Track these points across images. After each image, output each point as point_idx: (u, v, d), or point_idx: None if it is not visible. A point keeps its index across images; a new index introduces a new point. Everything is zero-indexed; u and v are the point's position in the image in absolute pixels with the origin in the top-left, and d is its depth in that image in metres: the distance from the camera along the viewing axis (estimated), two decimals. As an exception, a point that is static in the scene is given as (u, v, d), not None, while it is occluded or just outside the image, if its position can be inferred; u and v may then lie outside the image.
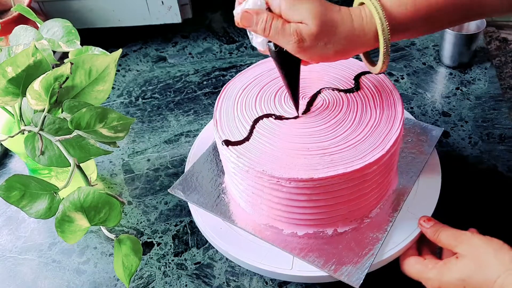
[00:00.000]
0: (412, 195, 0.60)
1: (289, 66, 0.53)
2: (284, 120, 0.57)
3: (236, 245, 0.58)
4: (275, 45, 0.51)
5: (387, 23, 0.48)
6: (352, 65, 0.63)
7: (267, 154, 0.53)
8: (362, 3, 0.50)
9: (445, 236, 0.53)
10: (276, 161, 0.52)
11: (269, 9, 0.49)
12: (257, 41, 0.52)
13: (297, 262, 0.55)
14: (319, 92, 0.60)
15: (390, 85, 0.59)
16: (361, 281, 0.52)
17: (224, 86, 0.62)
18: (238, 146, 0.54)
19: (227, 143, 0.55)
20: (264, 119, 0.57)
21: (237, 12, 0.50)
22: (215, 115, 0.59)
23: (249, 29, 0.50)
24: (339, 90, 0.60)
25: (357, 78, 0.61)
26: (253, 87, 0.61)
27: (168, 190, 0.64)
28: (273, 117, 0.57)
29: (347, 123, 0.56)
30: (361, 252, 0.55)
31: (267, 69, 0.64)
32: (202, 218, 0.61)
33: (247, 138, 0.55)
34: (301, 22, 0.48)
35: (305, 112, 0.57)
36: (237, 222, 0.59)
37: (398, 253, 0.55)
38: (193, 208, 0.62)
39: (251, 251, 0.57)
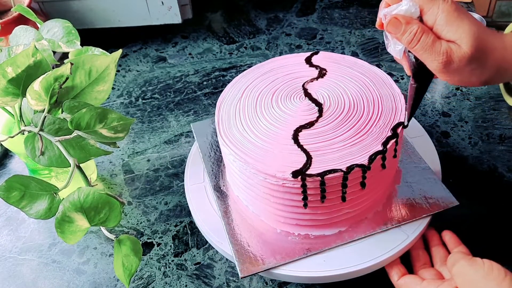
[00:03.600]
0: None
1: (423, 79, 0.50)
2: (314, 124, 0.56)
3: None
4: (416, 58, 0.47)
5: None
6: (297, 58, 0.65)
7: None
8: None
9: (451, 262, 0.50)
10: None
11: (420, 18, 0.46)
12: (395, 48, 0.48)
13: (297, 262, 0.55)
14: (305, 88, 0.60)
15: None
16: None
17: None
18: (310, 169, 0.51)
19: (298, 174, 0.51)
20: (299, 133, 0.55)
21: (384, 14, 0.47)
22: (241, 157, 0.54)
23: (393, 36, 0.47)
24: (316, 78, 0.61)
25: (310, 63, 0.63)
26: (246, 106, 0.60)
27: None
28: (304, 127, 0.56)
29: (359, 105, 0.56)
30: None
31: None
32: (202, 218, 0.61)
33: (309, 161, 0.52)
34: (453, 42, 0.44)
35: (321, 109, 0.57)
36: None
37: (400, 253, 0.55)
38: (193, 208, 0.62)
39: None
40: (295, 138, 0.55)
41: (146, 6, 0.92)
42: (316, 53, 0.65)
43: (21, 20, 0.81)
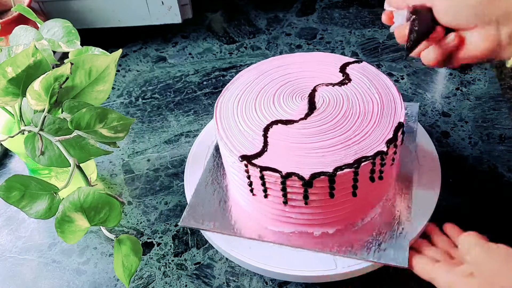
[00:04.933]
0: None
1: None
2: (293, 123, 0.56)
3: (236, 245, 0.58)
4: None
5: None
6: (336, 60, 0.64)
7: (284, 158, 0.53)
8: None
9: (466, 248, 0.50)
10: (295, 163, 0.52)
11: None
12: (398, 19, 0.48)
13: (297, 262, 0.55)
14: (315, 90, 0.60)
15: (390, 85, 0.59)
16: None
17: (221, 93, 0.61)
18: (257, 159, 0.52)
19: (245, 158, 0.53)
20: (274, 126, 0.56)
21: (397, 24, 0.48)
22: (218, 126, 0.57)
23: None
24: (333, 85, 0.60)
25: (343, 69, 0.62)
26: (251, 90, 0.61)
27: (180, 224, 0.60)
28: (281, 122, 0.56)
29: (350, 121, 0.55)
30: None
31: (264, 71, 0.64)
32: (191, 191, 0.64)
33: (264, 150, 0.53)
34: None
35: (310, 112, 0.57)
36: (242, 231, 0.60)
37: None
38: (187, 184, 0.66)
39: (251, 251, 0.57)
40: (266, 128, 0.56)
41: (146, 6, 0.92)
42: (359, 61, 0.63)
43: (21, 20, 0.81)
